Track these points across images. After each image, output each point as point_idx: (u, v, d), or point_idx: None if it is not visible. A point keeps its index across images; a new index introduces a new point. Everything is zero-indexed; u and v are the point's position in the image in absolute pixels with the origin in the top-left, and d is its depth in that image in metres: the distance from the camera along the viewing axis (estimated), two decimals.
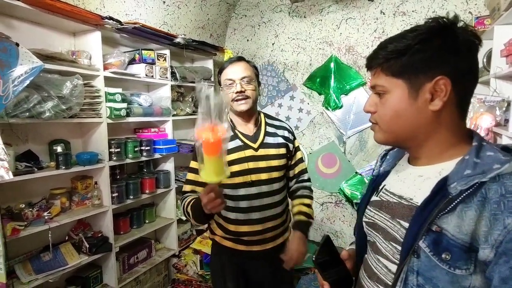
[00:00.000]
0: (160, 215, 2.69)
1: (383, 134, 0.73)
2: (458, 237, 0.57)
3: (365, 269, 0.80)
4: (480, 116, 1.83)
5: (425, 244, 0.60)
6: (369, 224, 0.79)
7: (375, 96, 0.74)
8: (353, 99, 2.91)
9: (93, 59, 1.99)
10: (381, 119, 0.72)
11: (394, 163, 0.84)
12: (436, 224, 0.60)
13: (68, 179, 2.02)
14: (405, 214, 0.68)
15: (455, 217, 0.58)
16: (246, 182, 1.33)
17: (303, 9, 3.05)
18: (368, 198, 0.83)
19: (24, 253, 1.81)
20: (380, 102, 0.72)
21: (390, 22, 2.71)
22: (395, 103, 0.69)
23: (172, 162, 2.62)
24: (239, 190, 1.33)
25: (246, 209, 1.33)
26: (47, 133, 1.93)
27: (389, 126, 0.71)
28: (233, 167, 1.31)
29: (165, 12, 2.60)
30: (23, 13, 1.68)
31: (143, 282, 2.39)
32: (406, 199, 0.70)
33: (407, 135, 0.70)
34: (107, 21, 1.90)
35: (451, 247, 0.58)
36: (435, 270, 0.60)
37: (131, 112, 2.21)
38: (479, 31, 2.18)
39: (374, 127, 0.75)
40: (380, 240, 0.74)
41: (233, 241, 1.38)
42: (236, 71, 1.34)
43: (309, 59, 3.08)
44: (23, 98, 1.56)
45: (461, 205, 0.58)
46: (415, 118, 0.67)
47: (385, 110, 0.71)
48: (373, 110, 0.74)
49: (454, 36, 0.64)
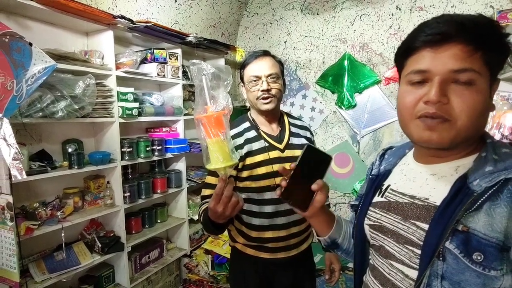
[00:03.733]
0: (171, 214, 2.69)
1: (456, 133, 0.58)
2: (492, 235, 0.54)
3: (374, 276, 0.74)
4: (503, 114, 1.75)
5: (453, 245, 0.56)
6: (375, 227, 0.74)
7: (452, 84, 0.57)
8: (367, 98, 2.84)
9: (106, 58, 1.99)
10: (464, 115, 0.56)
11: (395, 162, 0.79)
12: (462, 223, 0.56)
13: (80, 178, 2.03)
14: (421, 215, 0.63)
15: (483, 215, 0.55)
16: (271, 186, 1.23)
17: (316, 6, 2.99)
18: (370, 199, 0.78)
19: (38, 252, 1.82)
20: (464, 93, 0.56)
21: (406, 18, 2.63)
22: (484, 97, 0.57)
23: (184, 162, 2.61)
24: (264, 194, 1.24)
25: (271, 214, 1.25)
26: (60, 133, 1.93)
27: (472, 123, 0.57)
28: (258, 169, 1.23)
29: (177, 11, 2.59)
30: (37, 13, 1.69)
31: (155, 282, 2.38)
32: (420, 199, 0.65)
33: (474, 134, 0.60)
34: (119, 20, 1.90)
35: (483, 246, 0.54)
36: (465, 273, 0.55)
37: (143, 111, 2.20)
38: (502, 25, 2.08)
39: (441, 125, 0.58)
40: (390, 243, 0.69)
41: (256, 249, 1.29)
42: (263, 68, 1.23)
43: (322, 57, 3.02)
44: (37, 97, 1.57)
45: (488, 203, 0.55)
46: (487, 117, 0.60)
47: (474, 104, 0.56)
48: (446, 101, 0.57)
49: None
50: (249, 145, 1.25)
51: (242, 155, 1.23)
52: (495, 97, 1.86)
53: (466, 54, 0.55)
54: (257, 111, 1.30)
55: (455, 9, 2.45)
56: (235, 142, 1.25)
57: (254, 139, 1.26)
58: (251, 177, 1.24)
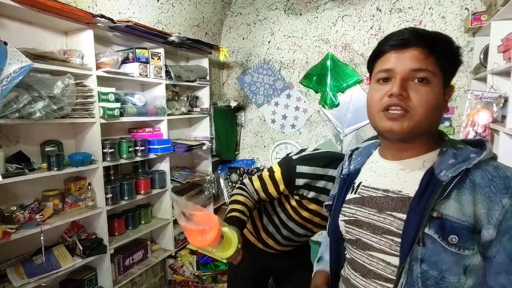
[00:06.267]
0: (155, 215, 2.66)
1: (414, 123, 0.67)
2: (463, 219, 0.62)
3: (354, 268, 0.78)
4: (477, 112, 1.82)
5: (432, 230, 0.63)
6: (350, 221, 0.78)
7: (411, 82, 0.68)
8: (350, 97, 2.90)
9: (86, 58, 1.95)
10: (419, 108, 0.66)
11: (363, 161, 0.85)
12: (436, 210, 0.63)
13: (60, 180, 1.99)
14: (397, 206, 0.69)
15: (453, 201, 0.63)
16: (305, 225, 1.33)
17: (299, 7, 3.02)
18: (343, 197, 0.83)
19: (16, 256, 1.77)
20: (419, 89, 0.67)
21: (386, 19, 2.69)
22: (438, 94, 0.68)
23: (168, 162, 2.59)
24: (293, 225, 1.33)
25: (284, 236, 1.36)
26: (39, 134, 1.89)
27: (426, 116, 0.67)
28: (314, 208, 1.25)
29: (159, 10, 2.57)
30: (13, 11, 1.64)
31: (139, 283, 2.36)
32: (394, 192, 0.72)
33: (430, 128, 0.70)
34: (99, 19, 1.87)
35: (457, 229, 0.62)
36: (441, 254, 0.63)
37: (125, 111, 2.17)
38: (476, 27, 2.16)
39: (402, 116, 0.67)
40: (367, 235, 0.74)
41: (257, 240, 1.43)
42: None
43: (305, 57, 3.05)
44: (13, 98, 1.52)
45: (455, 191, 0.63)
46: (441, 114, 0.72)
47: (428, 99, 0.67)
48: (406, 95, 0.67)
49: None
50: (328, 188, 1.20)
51: (320, 198, 1.20)
52: (469, 95, 1.94)
53: (423, 56, 0.67)
54: None
55: (432, 11, 2.52)
56: (329, 185, 1.18)
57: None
58: (304, 210, 1.27)
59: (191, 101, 2.89)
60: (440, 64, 0.67)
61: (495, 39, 1.85)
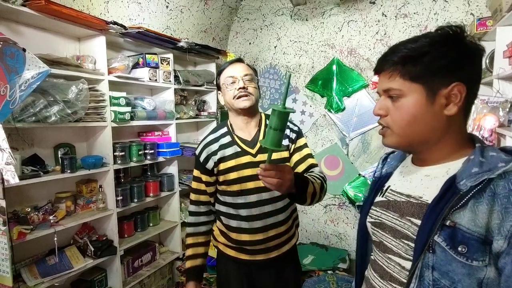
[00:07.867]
0: (164, 218, 2.70)
1: (397, 138, 0.72)
2: (474, 230, 0.61)
3: (374, 269, 0.81)
4: (483, 117, 1.84)
5: (441, 238, 0.63)
6: (375, 224, 0.81)
7: (386, 100, 0.73)
8: (356, 101, 2.92)
9: (98, 63, 2.01)
10: (396, 123, 0.72)
11: (396, 165, 0.87)
12: (449, 219, 0.63)
13: (73, 182, 2.04)
14: (415, 212, 0.70)
15: (468, 211, 0.62)
16: (243, 190, 1.26)
17: (305, 12, 3.06)
18: (372, 199, 0.85)
19: (30, 256, 1.82)
20: (393, 106, 0.72)
21: (392, 24, 2.72)
22: (412, 107, 0.69)
23: (176, 165, 2.63)
24: (237, 198, 1.28)
25: (246, 217, 1.28)
26: (52, 137, 1.94)
27: (405, 130, 0.71)
28: (230, 174, 1.27)
29: (168, 17, 2.62)
30: (30, 19, 1.70)
31: (148, 285, 2.39)
32: (415, 198, 0.72)
33: (421, 138, 0.71)
34: (112, 26, 1.92)
35: (467, 240, 0.61)
36: (452, 264, 0.62)
37: (135, 115, 2.22)
38: (481, 32, 2.18)
39: (385, 131, 0.75)
40: (388, 238, 0.76)
41: (236, 250, 1.33)
42: (238, 70, 1.30)
43: (311, 61, 3.09)
44: (30, 102, 1.58)
45: (472, 200, 0.62)
46: (430, 123, 0.69)
47: (401, 114, 0.70)
48: (384, 114, 0.74)
49: (465, 44, 0.68)
50: (223, 151, 1.30)
51: (216, 161, 1.29)
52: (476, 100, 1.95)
53: (387, 77, 0.72)
54: (235, 112, 1.31)
55: (437, 16, 2.55)
56: (210, 148, 1.32)
57: (227, 145, 1.30)
58: (225, 181, 1.29)
59: (198, 105, 2.94)
60: (410, 77, 0.68)
61: (501, 45, 1.87)
